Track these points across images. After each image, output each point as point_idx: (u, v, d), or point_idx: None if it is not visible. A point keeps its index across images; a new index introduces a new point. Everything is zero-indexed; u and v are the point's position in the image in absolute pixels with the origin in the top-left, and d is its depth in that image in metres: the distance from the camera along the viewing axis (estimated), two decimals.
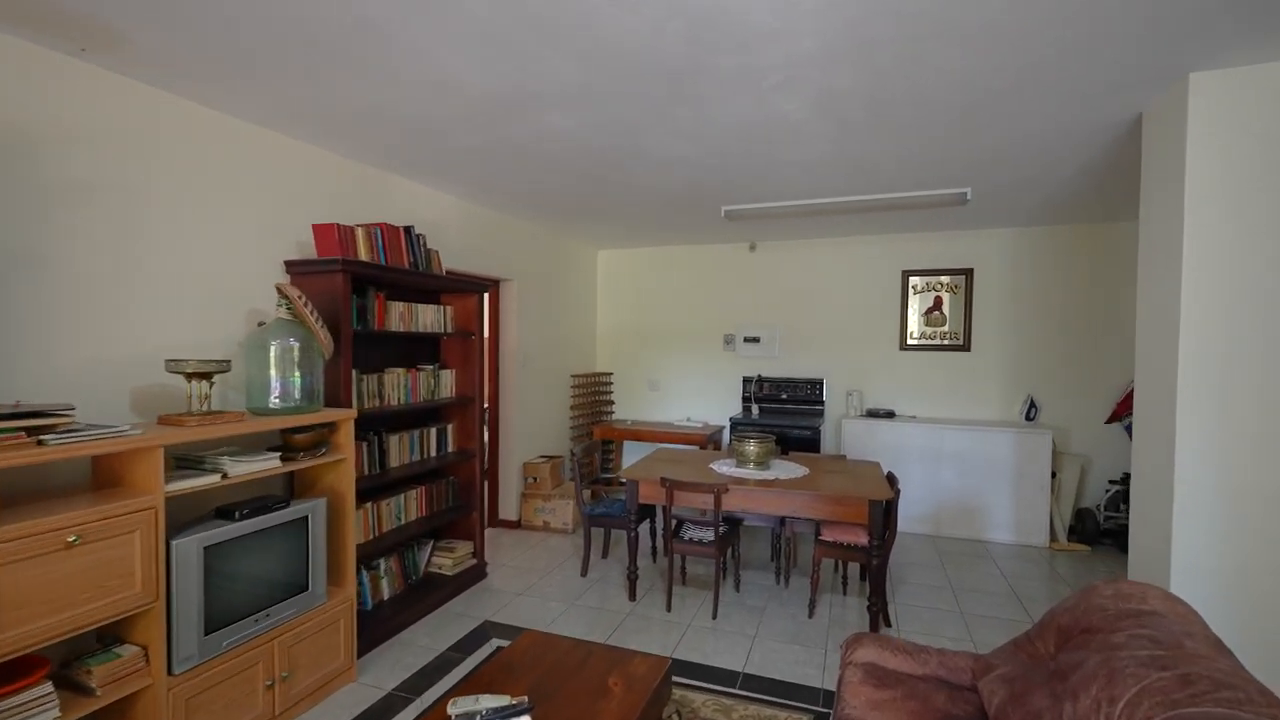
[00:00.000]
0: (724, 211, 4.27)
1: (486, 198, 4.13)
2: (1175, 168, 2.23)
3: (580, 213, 4.55)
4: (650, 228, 5.10)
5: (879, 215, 4.52)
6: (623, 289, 6.25)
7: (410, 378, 3.44)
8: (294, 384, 2.52)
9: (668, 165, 3.33)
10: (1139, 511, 2.50)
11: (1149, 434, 2.42)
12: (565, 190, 3.91)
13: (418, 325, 3.45)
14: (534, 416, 5.15)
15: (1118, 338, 4.77)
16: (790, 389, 5.48)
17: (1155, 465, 2.36)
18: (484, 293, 3.79)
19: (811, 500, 3.15)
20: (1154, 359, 2.40)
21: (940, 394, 5.22)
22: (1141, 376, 2.51)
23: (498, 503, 4.95)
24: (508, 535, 4.74)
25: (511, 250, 4.80)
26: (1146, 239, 2.47)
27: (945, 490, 4.80)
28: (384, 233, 3.04)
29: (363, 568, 3.13)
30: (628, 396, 6.25)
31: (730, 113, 2.58)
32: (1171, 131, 2.26)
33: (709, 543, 3.34)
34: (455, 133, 2.85)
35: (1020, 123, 2.66)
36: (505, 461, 4.93)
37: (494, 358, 4.91)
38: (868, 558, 3.13)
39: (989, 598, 3.62)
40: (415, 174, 3.57)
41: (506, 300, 4.89)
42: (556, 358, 5.51)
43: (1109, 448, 4.81)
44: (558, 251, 5.51)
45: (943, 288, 5.19)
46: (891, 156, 3.16)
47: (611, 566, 4.07)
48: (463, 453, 3.80)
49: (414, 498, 3.50)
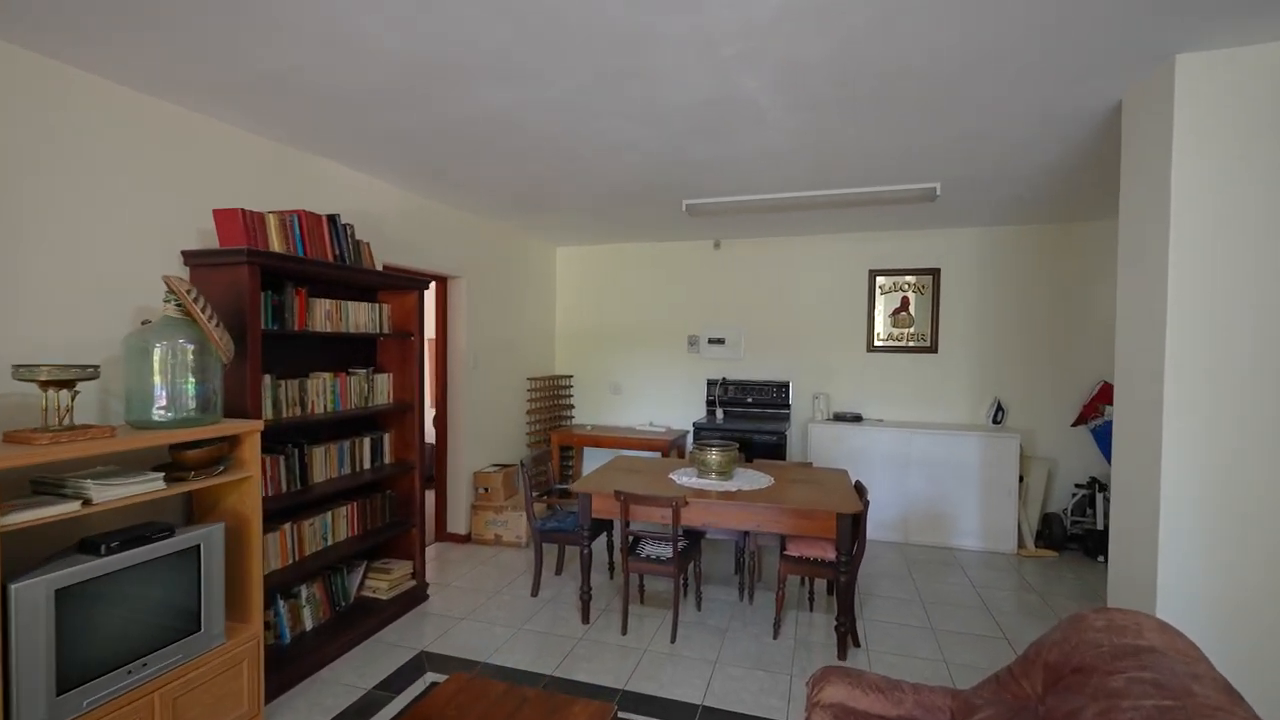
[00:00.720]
0: (685, 205, 4.04)
1: (429, 188, 3.81)
2: (1159, 158, 2.08)
3: (532, 206, 4.27)
4: (610, 223, 4.84)
5: (846, 212, 4.36)
6: (583, 288, 5.97)
7: (339, 383, 3.11)
8: (186, 392, 2.18)
9: (621, 152, 3.08)
10: (1120, 526, 2.35)
11: (1131, 443, 2.27)
12: (512, 180, 3.62)
13: (349, 325, 3.12)
14: (486, 422, 4.84)
15: (1084, 339, 4.70)
16: (756, 392, 5.28)
17: (1139, 477, 2.20)
18: (424, 290, 3.48)
19: (776, 514, 2.94)
20: (1136, 363, 2.24)
21: (908, 397, 5.09)
22: (1122, 382, 2.36)
23: (445, 516, 4.63)
24: (456, 551, 4.42)
25: (460, 245, 4.48)
26: (1127, 235, 2.31)
27: (913, 496, 4.66)
28: (302, 221, 2.71)
29: (278, 597, 2.79)
30: (588, 400, 5.98)
31: (686, 90, 2.34)
32: (1155, 118, 2.11)
33: (667, 560, 3.09)
34: (378, 108, 2.54)
35: (993, 108, 2.49)
36: (454, 471, 4.61)
37: (441, 360, 4.58)
38: (835, 574, 2.93)
39: (960, 611, 3.46)
40: (346, 159, 3.24)
41: (455, 298, 4.57)
42: (512, 359, 5.21)
43: (1075, 451, 4.74)
44: (513, 248, 5.20)
45: (910, 288, 5.06)
46: (860, 145, 2.96)
47: (565, 584, 3.79)
48: (401, 464, 3.48)
49: (343, 515, 3.16)
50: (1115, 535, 2.38)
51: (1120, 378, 2.36)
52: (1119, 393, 2.37)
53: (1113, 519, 2.40)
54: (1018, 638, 3.16)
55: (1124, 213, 2.34)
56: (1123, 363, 2.35)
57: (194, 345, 2.19)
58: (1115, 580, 2.39)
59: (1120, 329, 2.36)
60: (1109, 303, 4.64)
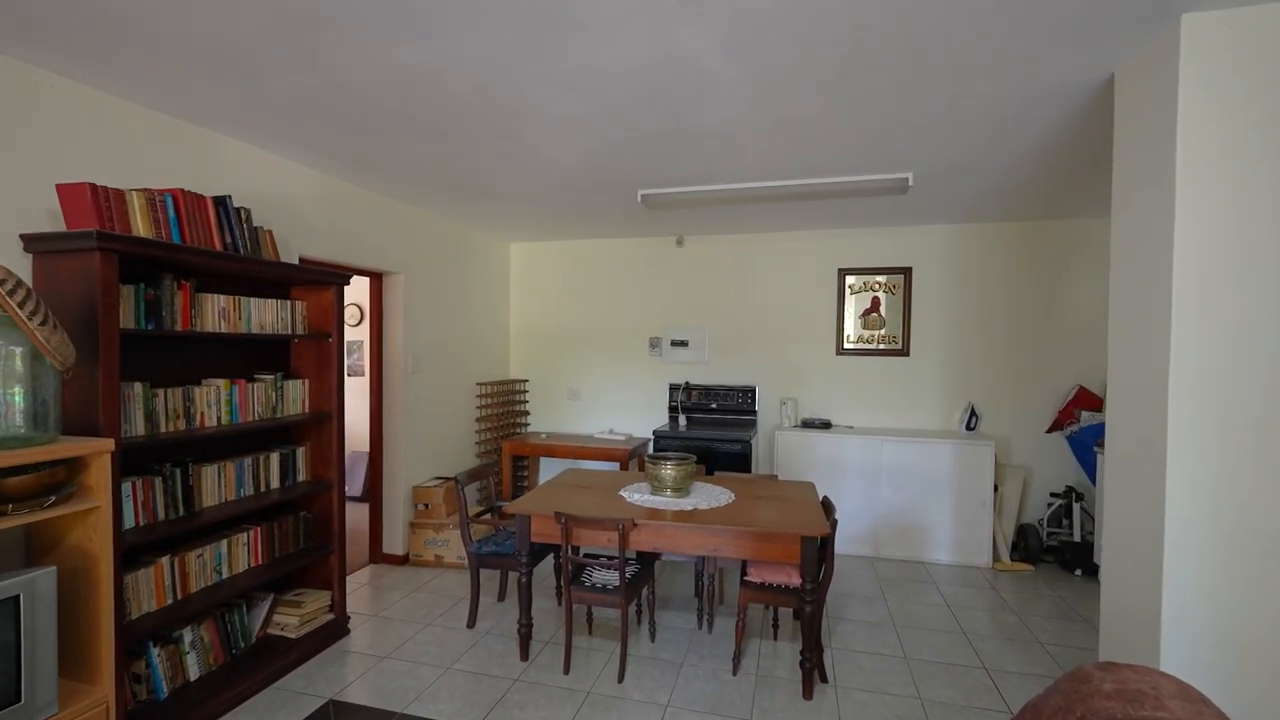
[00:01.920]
0: (640, 196, 3.71)
1: (354, 172, 3.42)
2: (1161, 137, 1.82)
3: (474, 195, 3.90)
4: (563, 217, 4.50)
5: (815, 207, 4.08)
6: (539, 287, 5.61)
7: (238, 391, 2.71)
8: (13, 405, 1.78)
9: (561, 129, 2.74)
10: (1114, 553, 2.09)
11: (1128, 460, 2.01)
12: (445, 164, 3.25)
13: (251, 325, 2.72)
14: (428, 431, 4.44)
15: (1059, 342, 4.51)
16: (721, 397, 4.99)
17: (1139, 497, 1.94)
18: (342, 285, 3.08)
19: (734, 537, 2.63)
20: (1133, 370, 1.98)
21: (878, 402, 4.85)
22: (1115, 391, 2.10)
23: (381, 535, 4.22)
24: (392, 574, 4.02)
25: (398, 239, 4.09)
26: (1121, 227, 2.06)
27: (884, 508, 4.40)
28: (179, 202, 2.31)
29: (152, 645, 2.37)
30: (545, 406, 5.61)
31: (625, 51, 2.01)
32: (1156, 91, 1.85)
33: (614, 589, 2.76)
34: (267, 64, 2.16)
35: (970, 82, 2.22)
36: (390, 486, 4.20)
37: (376, 363, 4.18)
38: (800, 602, 2.63)
39: (935, 637, 3.20)
40: (249, 134, 2.84)
41: (391, 296, 4.17)
42: (459, 363, 4.82)
43: (1050, 458, 4.55)
44: (460, 243, 4.82)
45: (880, 287, 4.82)
46: (825, 126, 2.68)
47: (507, 613, 3.42)
48: (318, 481, 3.08)
49: (243, 543, 2.76)
50: (1109, 561, 2.12)
51: (1114, 386, 2.11)
52: (1111, 403, 2.12)
53: (1105, 544, 2.13)
54: (996, 666, 2.90)
55: (1118, 202, 2.09)
56: (1116, 369, 2.09)
57: (22, 349, 1.79)
58: (1110, 613, 2.12)
59: (1114, 331, 2.11)
60: (1085, 304, 4.45)
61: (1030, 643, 3.14)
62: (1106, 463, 2.12)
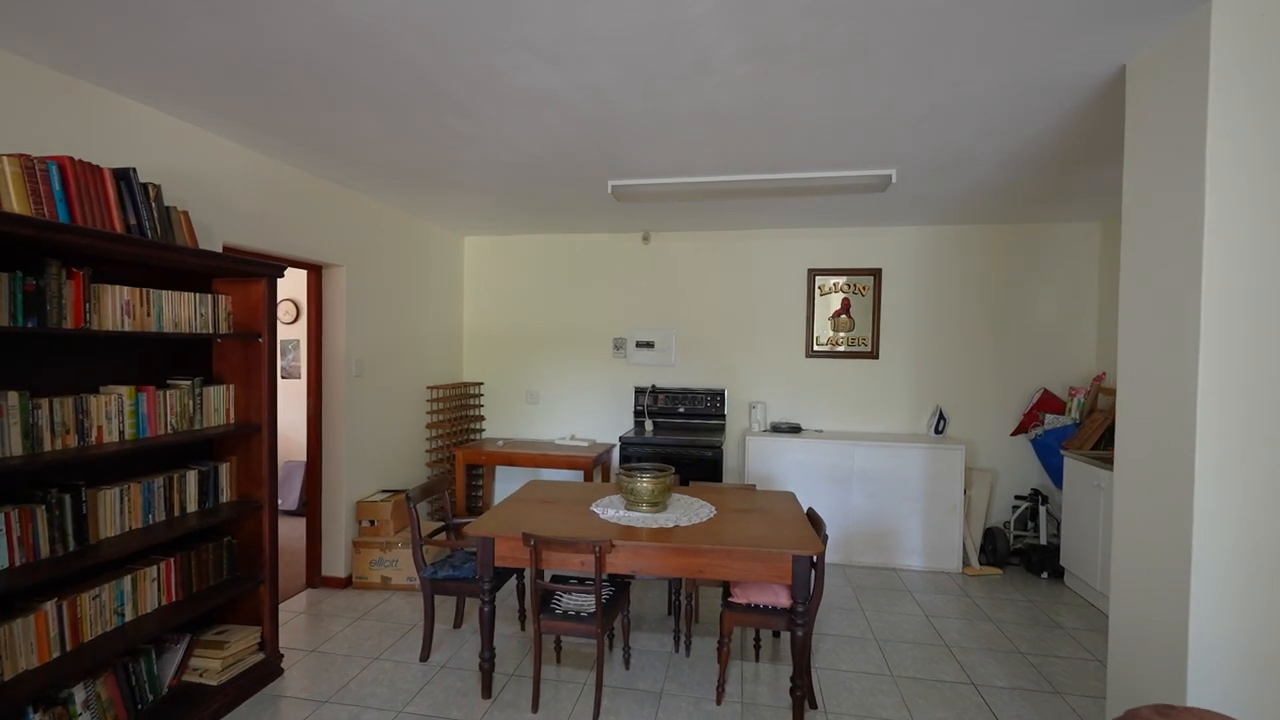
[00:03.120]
0: (610, 187, 3.46)
1: (289, 149, 3.03)
2: (1188, 133, 1.71)
3: (429, 182, 3.56)
4: (525, 209, 4.19)
5: (787, 205, 3.94)
6: (495, 284, 5.27)
7: (146, 400, 2.31)
8: None
9: (529, 107, 2.46)
10: (1127, 572, 1.98)
11: (1146, 472, 1.90)
12: (396, 144, 2.91)
13: (163, 322, 2.32)
14: (373, 440, 4.05)
15: (1024, 345, 4.53)
16: (689, 401, 4.79)
17: (1159, 513, 1.83)
18: (275, 277, 2.70)
19: (721, 557, 2.41)
20: (1153, 378, 1.88)
21: (848, 406, 4.76)
22: (1129, 399, 2.00)
23: (319, 555, 3.81)
24: (333, 600, 3.62)
25: (340, 228, 3.69)
26: (1138, 228, 1.96)
27: (856, 514, 4.31)
28: (67, 172, 1.91)
29: (31, 710, 1.96)
30: (501, 411, 5.28)
31: (616, 12, 1.76)
32: (1180, 83, 1.75)
33: (589, 617, 2.50)
34: (177, 16, 1.80)
35: (978, 68, 2.09)
36: (331, 500, 3.80)
37: (315, 365, 3.77)
38: (791, 625, 2.44)
39: (918, 651, 3.09)
40: (162, 100, 2.43)
41: (332, 292, 3.77)
42: (409, 365, 4.44)
43: (1015, 461, 4.56)
44: (410, 235, 4.44)
45: (851, 289, 4.73)
46: (815, 114, 2.51)
47: (466, 641, 3.11)
48: (246, 502, 2.69)
49: (152, 578, 2.35)
50: (1120, 582, 2.02)
51: (1125, 393, 2.00)
52: (1123, 411, 2.02)
53: (1116, 563, 2.03)
54: (983, 681, 2.80)
55: (1131, 201, 1.99)
56: (1129, 376, 1.99)
57: None
58: (1123, 636, 2.01)
59: (1125, 335, 2.01)
60: (1050, 306, 4.49)
61: (1011, 654, 3.07)
62: (1117, 475, 2.02)
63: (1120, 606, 2.01)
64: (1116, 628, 2.03)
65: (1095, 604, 3.67)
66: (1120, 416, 2.02)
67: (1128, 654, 1.97)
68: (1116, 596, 2.03)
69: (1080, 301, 4.46)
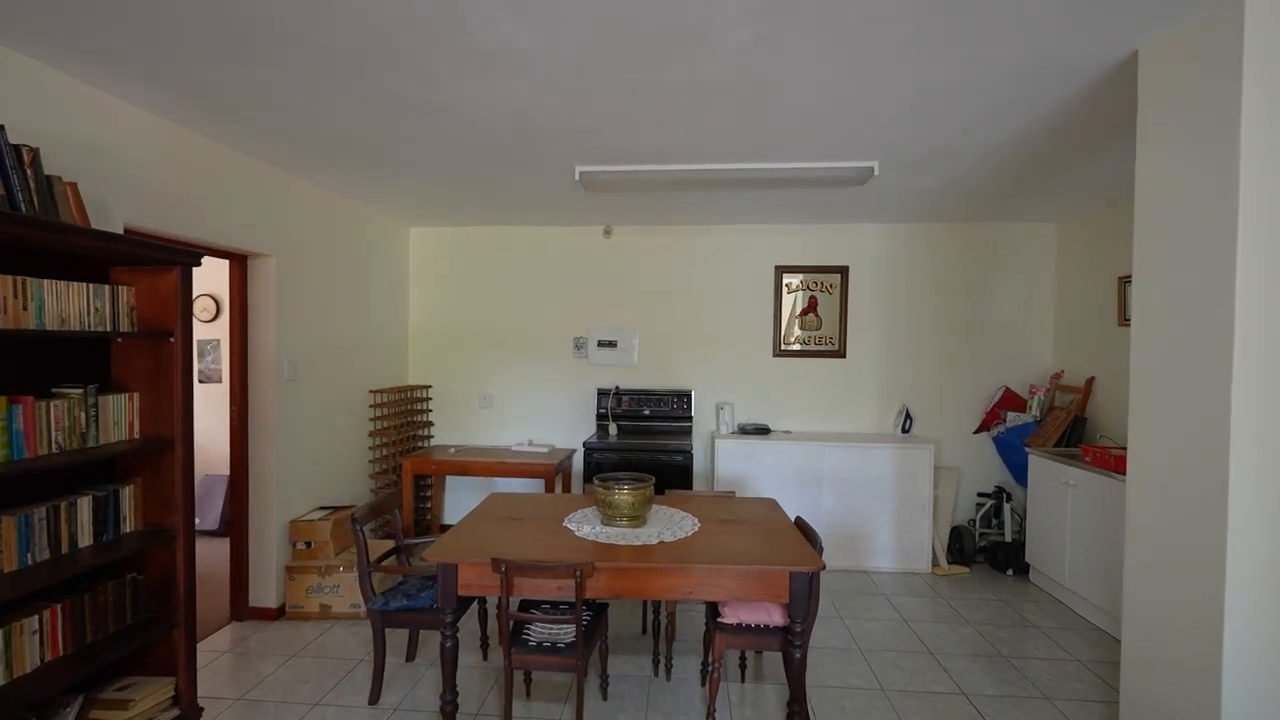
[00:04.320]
0: (578, 174, 3.20)
1: (207, 117, 2.61)
2: (1217, 120, 1.62)
3: (373, 162, 3.19)
4: (478, 197, 3.86)
5: (756, 198, 3.78)
6: (445, 279, 4.89)
7: (22, 412, 1.88)
8: None
9: (495, 71, 2.18)
10: (1141, 591, 1.89)
11: (1168, 481, 1.81)
12: (330, 108, 2.55)
13: (45, 318, 1.91)
14: (309, 451, 3.63)
15: (985, 343, 4.56)
16: (654, 403, 4.57)
17: (1184, 527, 1.74)
18: (190, 266, 2.30)
19: (714, 576, 2.20)
20: (1171, 377, 1.79)
21: (815, 406, 4.67)
22: (1143, 402, 1.91)
23: (247, 583, 3.37)
24: (264, 634, 3.19)
25: (269, 212, 3.26)
26: (1156, 220, 1.87)
27: (827, 516, 4.21)
28: None
29: None
30: (452, 416, 4.90)
31: None
32: (1207, 67, 1.66)
33: (567, 648, 2.24)
34: None
35: (982, 47, 1.97)
36: (260, 520, 3.36)
37: (239, 367, 3.32)
38: (787, 646, 2.26)
39: (904, 660, 2.98)
40: (39, 46, 2.00)
41: (260, 285, 3.33)
42: (348, 367, 4.02)
43: (977, 459, 4.59)
44: (348, 222, 4.02)
45: (818, 286, 4.64)
46: (808, 95, 2.34)
47: (421, 677, 2.78)
48: (154, 531, 2.28)
49: (32, 630, 1.93)
50: (1133, 602, 1.92)
51: (1140, 394, 1.92)
52: (1135, 413, 1.93)
53: (1129, 582, 1.93)
54: (973, 690, 2.72)
55: (1146, 191, 1.90)
56: (1143, 375, 1.90)
57: None
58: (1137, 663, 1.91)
59: (1139, 331, 1.92)
60: (1010, 305, 4.53)
61: (994, 657, 3.02)
62: (1130, 483, 1.94)
63: (1136, 632, 1.91)
64: (1131, 657, 1.94)
65: (1063, 600, 3.69)
66: (1133, 420, 1.93)
67: (1146, 688, 1.87)
68: (1131, 622, 1.94)
69: (1038, 301, 4.53)
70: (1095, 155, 2.94)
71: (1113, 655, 3.04)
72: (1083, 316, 4.20)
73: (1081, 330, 4.22)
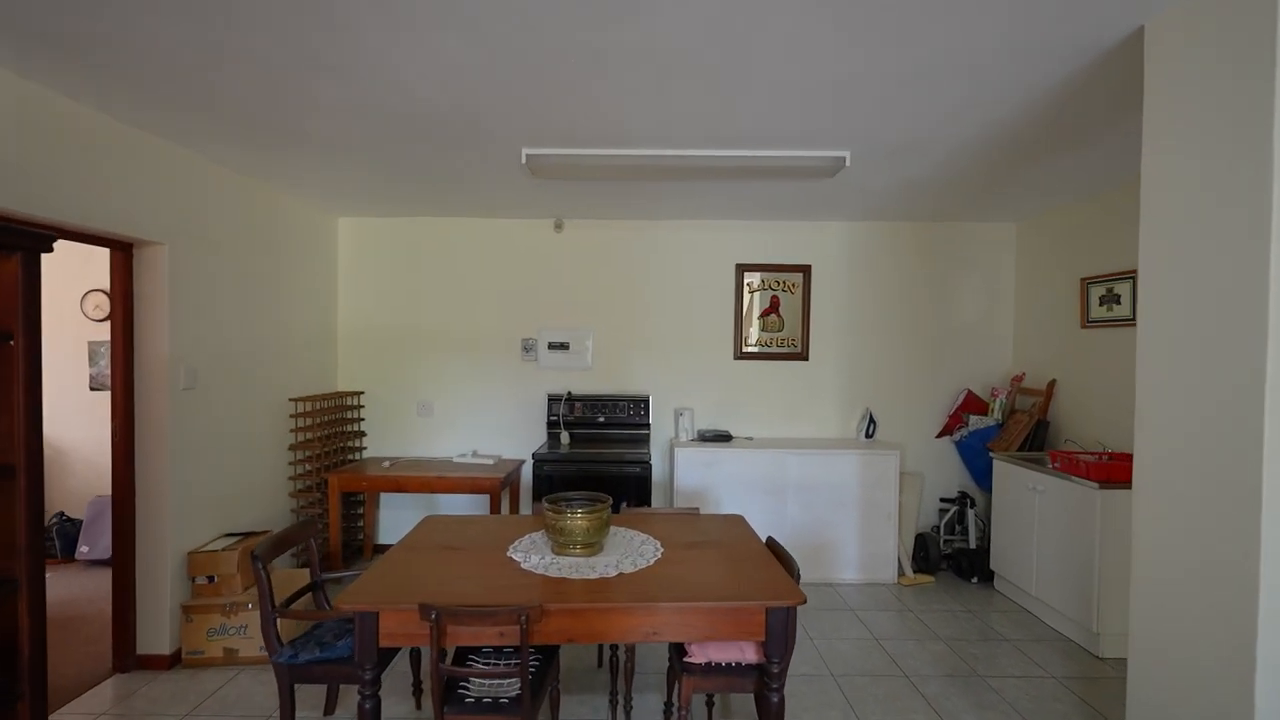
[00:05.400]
0: (525, 156, 2.87)
1: (74, 75, 2.16)
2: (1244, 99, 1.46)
3: (280, 136, 2.76)
4: (412, 182, 3.47)
5: (717, 190, 3.53)
6: (378, 275, 4.45)
7: None
8: None
9: (427, 22, 1.84)
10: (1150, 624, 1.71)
11: (1185, 492, 1.64)
12: (217, 67, 2.15)
13: None
14: (211, 470, 3.16)
15: (947, 345, 4.47)
16: (609, 409, 4.27)
17: (1209, 542, 1.57)
18: (37, 252, 1.86)
19: (679, 614, 1.92)
20: (1187, 382, 1.62)
21: (777, 410, 4.48)
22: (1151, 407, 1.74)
23: (134, 626, 2.88)
24: (154, 687, 2.72)
25: (158, 193, 2.79)
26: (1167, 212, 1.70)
27: (791, 527, 4.01)
28: None
29: None
30: (386, 426, 4.46)
31: None
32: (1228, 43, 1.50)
33: (511, 704, 1.91)
34: None
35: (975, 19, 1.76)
36: (150, 552, 2.88)
37: (123, 374, 2.84)
38: (763, 687, 2.00)
39: (879, 686, 2.78)
40: None
41: (148, 278, 2.86)
42: (263, 373, 3.55)
43: (939, 464, 4.49)
44: (265, 210, 3.55)
45: (780, 286, 4.45)
46: (782, 72, 2.10)
47: None
48: None
49: None
50: (1142, 635, 1.75)
51: (1147, 401, 1.75)
52: (1142, 422, 1.76)
53: (1136, 610, 1.76)
54: (955, 716, 2.54)
55: (1153, 178, 1.73)
56: (1151, 381, 1.73)
57: None
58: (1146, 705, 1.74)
59: (1145, 333, 1.75)
60: (971, 307, 4.45)
61: (970, 677, 2.86)
62: (1137, 498, 1.77)
63: (1144, 666, 1.74)
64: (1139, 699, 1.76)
65: (1030, 609, 3.59)
66: (1141, 429, 1.76)
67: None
68: (1140, 654, 1.76)
69: (998, 302, 4.46)
70: (1063, 151, 2.82)
71: (1086, 670, 2.93)
72: (1043, 318, 4.15)
73: (1042, 332, 4.17)
